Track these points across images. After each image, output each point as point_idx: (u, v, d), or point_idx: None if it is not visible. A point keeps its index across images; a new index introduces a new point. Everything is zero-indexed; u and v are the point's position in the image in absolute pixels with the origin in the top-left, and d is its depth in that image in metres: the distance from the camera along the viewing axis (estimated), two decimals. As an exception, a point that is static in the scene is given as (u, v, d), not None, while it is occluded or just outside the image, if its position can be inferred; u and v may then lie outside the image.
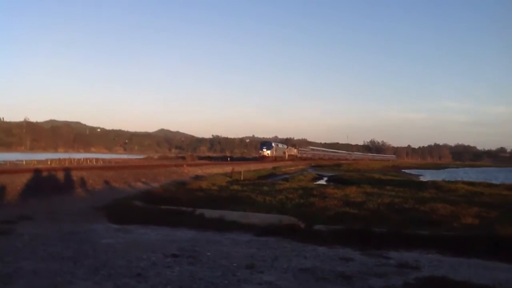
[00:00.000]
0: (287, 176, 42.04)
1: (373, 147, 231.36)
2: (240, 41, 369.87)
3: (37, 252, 6.75)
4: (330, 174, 50.21)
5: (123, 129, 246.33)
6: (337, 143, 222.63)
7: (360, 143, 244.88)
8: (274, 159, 70.75)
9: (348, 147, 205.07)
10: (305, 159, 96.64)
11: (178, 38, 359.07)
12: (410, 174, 66.70)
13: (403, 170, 79.09)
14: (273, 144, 74.95)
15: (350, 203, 15.08)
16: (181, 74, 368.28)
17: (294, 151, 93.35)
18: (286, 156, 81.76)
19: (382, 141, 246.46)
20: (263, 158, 68.23)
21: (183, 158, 70.48)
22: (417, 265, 6.74)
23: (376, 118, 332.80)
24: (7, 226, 9.16)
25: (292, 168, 59.47)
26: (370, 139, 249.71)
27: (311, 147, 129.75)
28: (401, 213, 13.15)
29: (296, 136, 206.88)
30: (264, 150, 71.16)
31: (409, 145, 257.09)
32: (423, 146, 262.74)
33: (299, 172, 52.69)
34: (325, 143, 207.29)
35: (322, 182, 38.64)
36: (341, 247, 8.18)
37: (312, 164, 79.32)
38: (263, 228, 9.77)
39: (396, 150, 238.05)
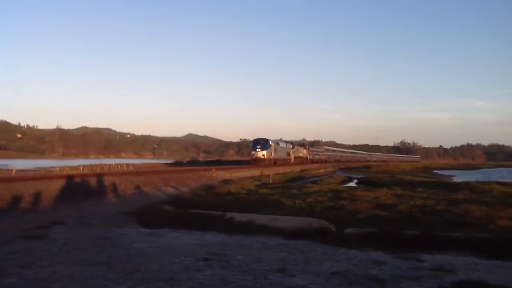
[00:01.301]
0: (315, 178, 41.76)
1: (403, 148, 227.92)
2: (268, 46, 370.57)
3: (72, 257, 6.87)
4: (360, 176, 49.65)
5: (152, 134, 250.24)
6: (367, 144, 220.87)
7: (390, 144, 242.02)
8: (274, 162, 55.59)
9: (377, 148, 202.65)
10: (317, 161, 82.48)
11: (206, 44, 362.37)
12: (442, 175, 64.88)
13: (434, 171, 77.33)
14: (270, 143, 55.08)
15: (381, 206, 14.86)
16: (208, 79, 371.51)
17: (303, 152, 76.71)
18: (292, 159, 66.75)
19: (413, 142, 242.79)
20: (256, 162, 51.90)
21: (212, 162, 70.13)
22: (452, 268, 6.56)
23: (405, 119, 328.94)
24: (42, 231, 9.38)
25: (321, 170, 59.18)
26: (400, 140, 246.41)
27: (325, 147, 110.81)
28: (433, 215, 12.88)
29: (324, 138, 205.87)
30: (258, 150, 53.31)
31: (440, 146, 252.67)
32: (455, 147, 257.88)
33: (328, 174, 52.30)
34: (354, 145, 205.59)
35: (352, 184, 38.20)
36: (373, 250, 8.04)
37: (341, 167, 78.09)
38: (293, 232, 9.69)
39: (427, 151, 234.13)
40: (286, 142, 69.16)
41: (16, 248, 7.41)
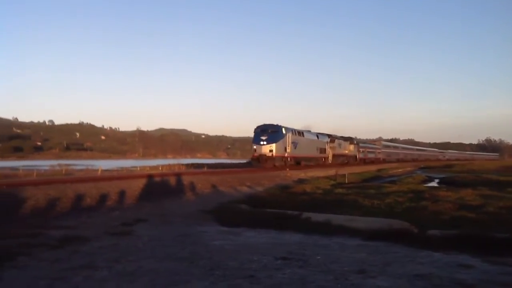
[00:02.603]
0: (393, 178, 40.50)
1: (489, 146, 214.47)
2: (340, 45, 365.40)
3: (156, 252, 7.16)
4: (441, 176, 47.52)
5: (225, 134, 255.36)
6: (448, 142, 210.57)
7: (475, 142, 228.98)
8: (295, 163, 38.81)
9: (460, 146, 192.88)
10: (372, 161, 65.76)
11: (278, 45, 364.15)
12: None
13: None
14: (284, 131, 35.42)
15: (466, 207, 14.09)
16: (282, 76, 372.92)
17: (349, 149, 56.35)
18: (329, 158, 48.36)
19: (500, 139, 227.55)
20: (260, 162, 34.09)
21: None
22: (551, 275, 6.05)
23: (492, 116, 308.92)
24: (128, 228, 9.87)
25: (399, 170, 57.20)
26: (485, 138, 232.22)
27: (384, 142, 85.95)
28: (526, 218, 12.01)
29: (402, 136, 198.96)
30: (263, 143, 33.92)
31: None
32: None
33: (407, 174, 50.49)
34: (434, 143, 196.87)
35: (433, 184, 36.63)
36: (458, 253, 7.62)
37: (421, 166, 74.67)
38: (372, 233, 9.44)
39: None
40: (318, 133, 47.22)
41: (105, 244, 7.85)
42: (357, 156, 60.44)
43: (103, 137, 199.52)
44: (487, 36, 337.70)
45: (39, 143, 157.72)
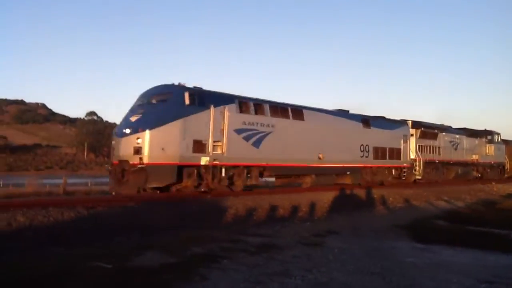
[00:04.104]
0: None
1: None
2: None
3: (347, 265, 7.10)
4: None
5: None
6: None
7: None
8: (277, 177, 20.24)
9: None
10: None
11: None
12: None
13: None
14: (185, 98, 14.66)
15: None
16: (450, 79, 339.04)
17: (482, 152, 33.26)
18: (419, 168, 26.21)
19: None
20: (116, 181, 14.44)
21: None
22: None
23: None
24: (319, 239, 10.03)
25: None
26: None
27: None
28: None
29: None
30: (125, 131, 14.30)
31: None
32: None
33: None
34: None
35: None
36: None
37: None
38: None
39: None
40: (370, 117, 24.52)
41: (298, 253, 8.10)
42: (507, 165, 36.54)
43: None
44: None
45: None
